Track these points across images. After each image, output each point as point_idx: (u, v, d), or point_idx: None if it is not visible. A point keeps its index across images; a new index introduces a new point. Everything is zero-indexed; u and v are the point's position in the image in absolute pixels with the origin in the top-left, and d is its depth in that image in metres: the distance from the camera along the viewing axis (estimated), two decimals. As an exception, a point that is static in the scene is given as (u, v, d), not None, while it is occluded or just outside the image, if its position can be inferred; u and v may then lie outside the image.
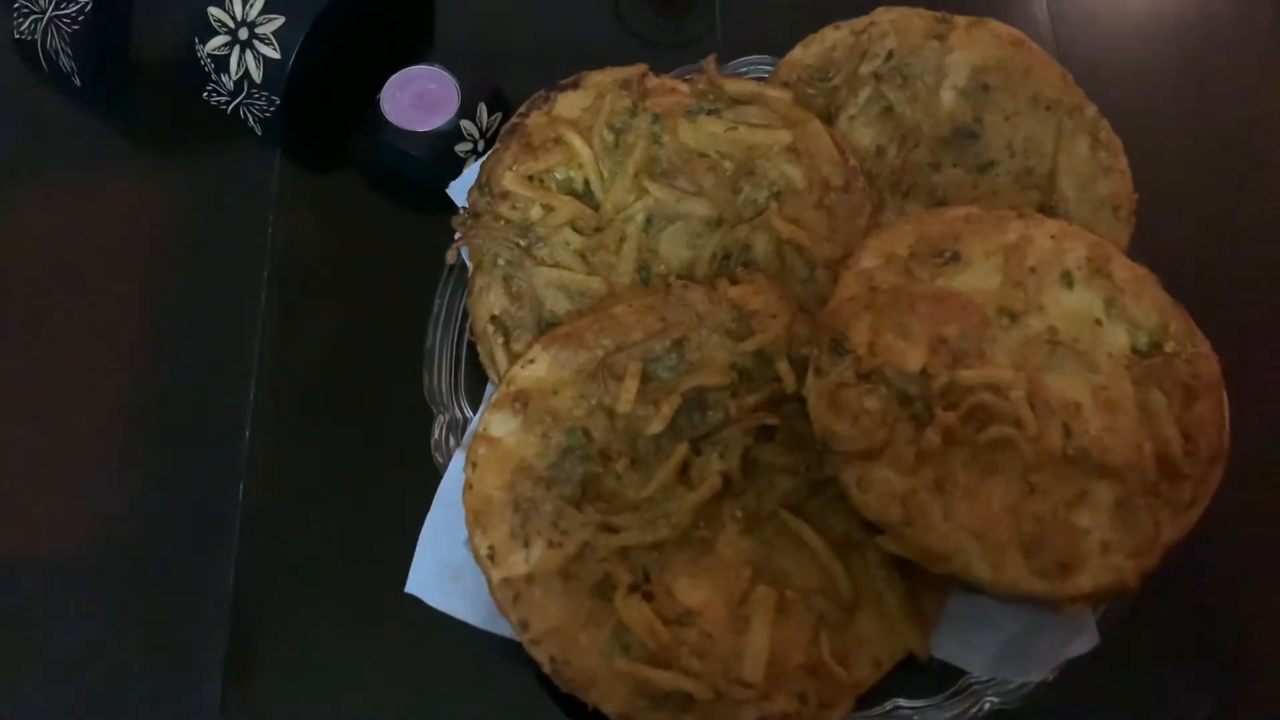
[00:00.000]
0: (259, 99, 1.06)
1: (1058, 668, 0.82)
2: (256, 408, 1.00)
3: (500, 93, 1.09)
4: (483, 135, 1.08)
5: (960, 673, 0.84)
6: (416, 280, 1.00)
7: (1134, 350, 0.86)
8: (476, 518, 0.85)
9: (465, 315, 0.97)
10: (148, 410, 1.00)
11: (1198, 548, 0.80)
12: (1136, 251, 0.91)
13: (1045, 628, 0.83)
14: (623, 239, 0.97)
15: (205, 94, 1.09)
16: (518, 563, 0.84)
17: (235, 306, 1.04)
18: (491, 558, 0.84)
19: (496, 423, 0.88)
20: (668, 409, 0.88)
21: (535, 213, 0.97)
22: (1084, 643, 0.83)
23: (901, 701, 0.83)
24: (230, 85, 1.07)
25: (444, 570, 0.88)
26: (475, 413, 0.94)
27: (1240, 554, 0.97)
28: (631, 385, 0.88)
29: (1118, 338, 0.87)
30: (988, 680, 0.84)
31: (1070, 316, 0.85)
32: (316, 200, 1.09)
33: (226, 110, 1.09)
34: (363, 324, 1.03)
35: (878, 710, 0.82)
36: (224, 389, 1.00)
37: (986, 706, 0.82)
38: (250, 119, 1.09)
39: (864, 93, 1.01)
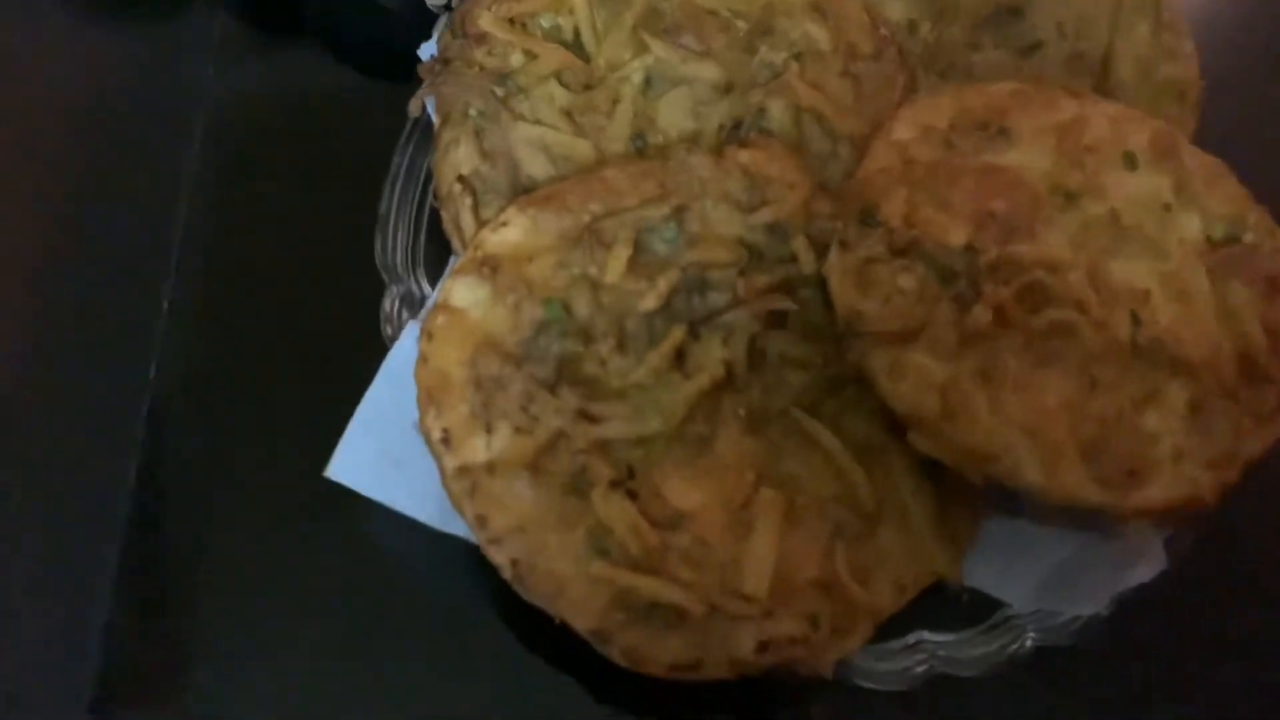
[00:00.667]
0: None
1: (1115, 599, 0.72)
2: (179, 275, 0.86)
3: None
4: (459, -11, 0.94)
5: (997, 604, 0.74)
6: (374, 139, 0.87)
7: (1208, 240, 0.77)
8: (430, 395, 0.72)
9: (429, 177, 0.85)
10: (57, 272, 0.88)
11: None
12: (1203, 145, 0.82)
13: (1099, 553, 0.75)
14: (616, 100, 0.84)
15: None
16: (477, 449, 0.71)
17: (165, 164, 0.91)
18: (446, 442, 0.71)
19: (460, 290, 0.75)
20: (664, 284, 0.76)
21: (516, 60, 0.84)
22: (1148, 569, 0.73)
23: (927, 634, 0.73)
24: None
25: (384, 457, 0.75)
26: (435, 288, 0.81)
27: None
28: (622, 254, 0.76)
29: (1190, 224, 0.77)
30: (1030, 613, 0.74)
31: (1135, 200, 0.77)
32: (264, 54, 0.97)
33: (165, -48, 0.95)
34: (309, 187, 0.91)
35: (898, 643, 0.72)
36: (144, 253, 0.87)
37: (1029, 643, 0.72)
38: (191, -36, 0.95)
39: (897, -40, 0.92)
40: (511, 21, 0.85)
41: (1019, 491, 0.69)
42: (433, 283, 0.83)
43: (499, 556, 0.69)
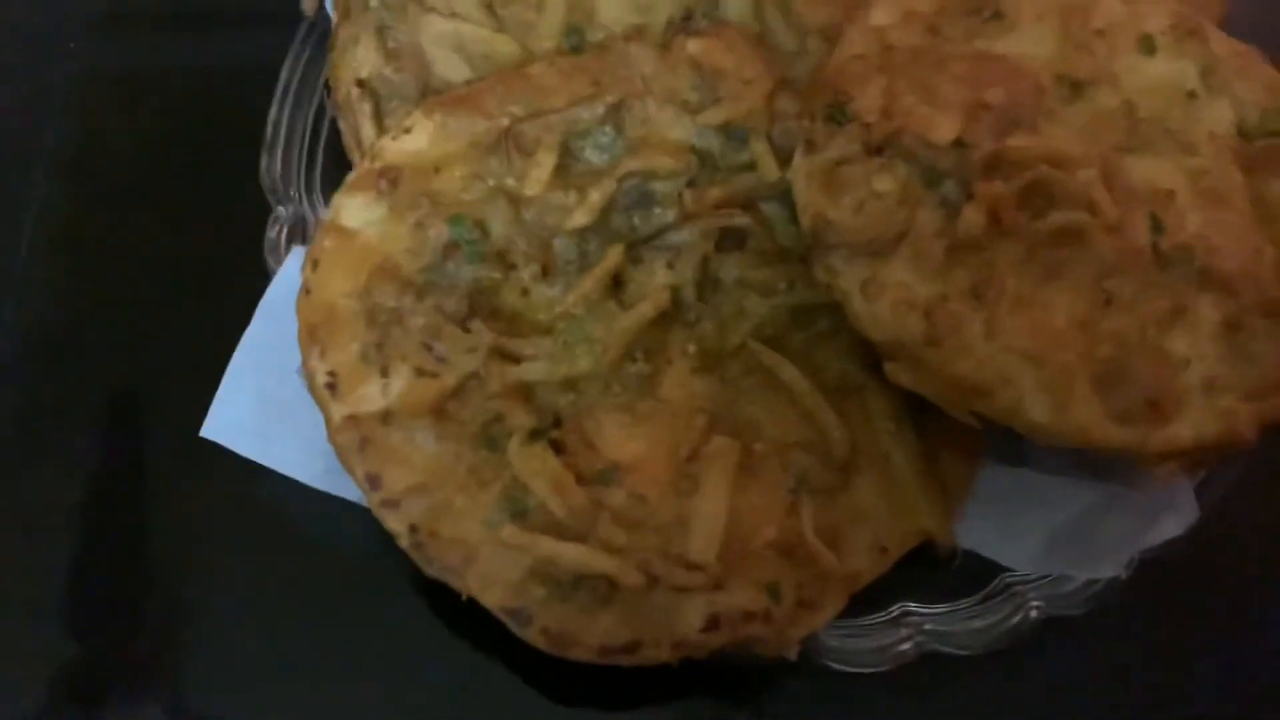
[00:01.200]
0: None
1: (1135, 560, 0.62)
2: (43, 195, 0.76)
3: None
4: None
5: (997, 568, 0.65)
6: (267, 42, 0.76)
7: (1241, 132, 0.67)
8: (313, 333, 0.62)
9: (328, 86, 0.74)
10: None
11: None
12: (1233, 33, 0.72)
13: (1118, 506, 0.65)
14: None
15: None
16: (370, 396, 0.61)
17: (29, 72, 0.80)
18: (332, 388, 0.61)
19: (353, 208, 0.65)
20: (597, 197, 0.66)
21: None
22: (1176, 521, 0.62)
23: (913, 606, 0.64)
24: None
25: (264, 408, 0.65)
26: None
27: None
28: (545, 160, 0.66)
29: (1220, 114, 0.67)
30: (1035, 579, 0.65)
31: (1154, 88, 0.67)
32: None
33: None
34: (192, 93, 0.80)
35: (881, 616, 0.64)
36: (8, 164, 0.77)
37: (1033, 614, 0.62)
38: None
39: None
40: None
41: (1020, 432, 0.58)
42: (328, 204, 0.70)
43: (395, 522, 0.59)
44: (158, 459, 0.69)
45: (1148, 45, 0.68)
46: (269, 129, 0.72)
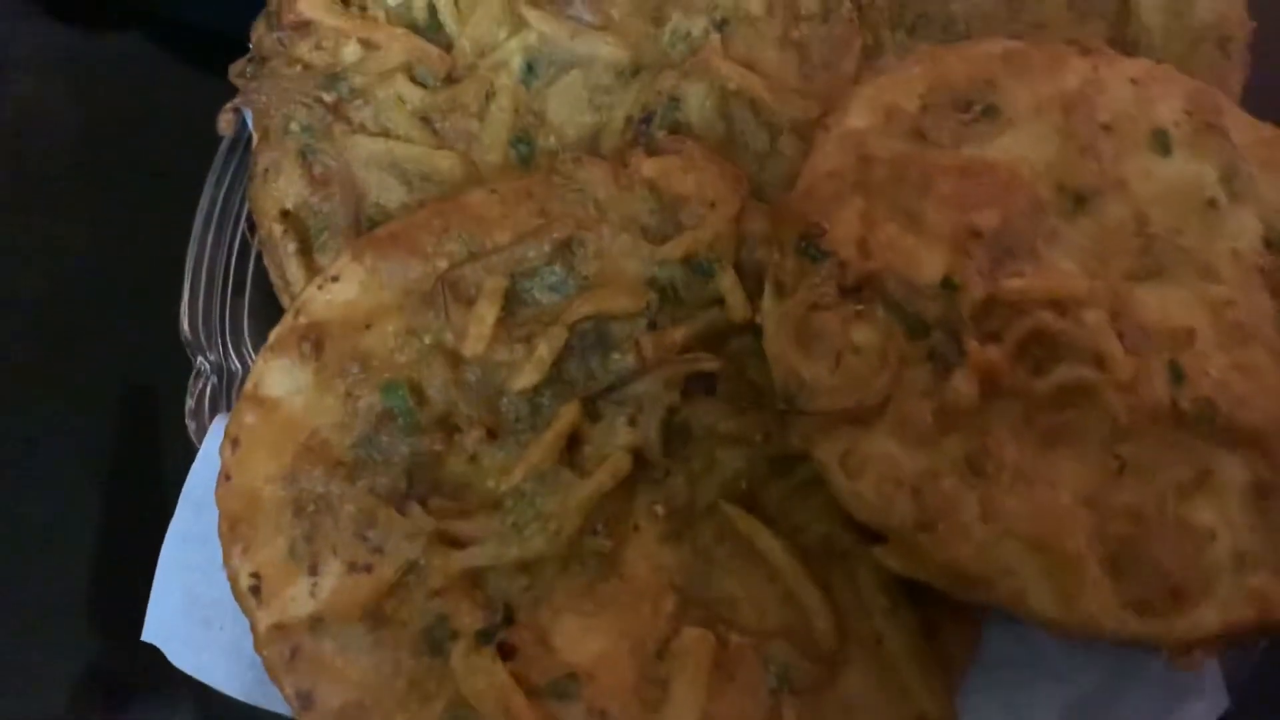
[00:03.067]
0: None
1: None
2: None
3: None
4: (299, -43, 0.76)
5: None
6: (192, 164, 0.71)
7: (1269, 245, 0.62)
8: (235, 527, 0.58)
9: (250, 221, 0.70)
10: None
11: None
12: (1254, 104, 0.69)
13: (1138, 680, 0.60)
14: (490, 95, 0.72)
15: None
16: (298, 599, 0.57)
17: None
18: (256, 590, 0.57)
19: (275, 375, 0.61)
20: (546, 350, 0.61)
21: (350, 53, 0.71)
22: (1205, 709, 0.57)
23: None
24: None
25: (191, 610, 0.61)
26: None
27: None
28: (488, 313, 0.62)
29: (1244, 226, 0.62)
30: None
31: (1168, 197, 0.62)
32: (65, 54, 0.81)
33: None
34: (112, 231, 0.76)
35: None
36: None
37: None
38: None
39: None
40: (345, 2, 0.69)
41: (1025, 623, 0.53)
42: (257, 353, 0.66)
43: (330, 747, 0.53)
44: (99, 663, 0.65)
45: (1161, 142, 0.64)
46: (188, 273, 0.67)
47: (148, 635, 0.60)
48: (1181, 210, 0.62)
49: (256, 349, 0.67)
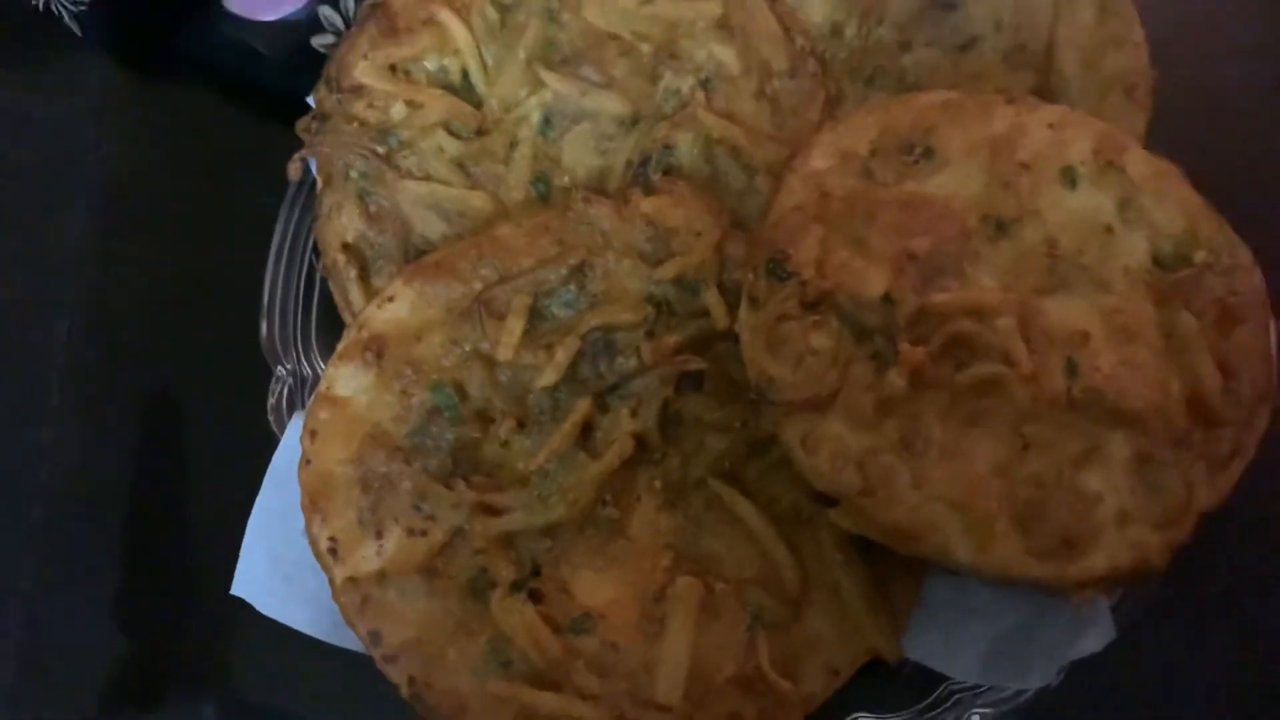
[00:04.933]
0: (70, -13, 0.86)
1: (1064, 669, 0.69)
2: (64, 365, 0.83)
3: (372, -26, 0.89)
4: (349, 26, 0.87)
5: (940, 678, 0.71)
6: (263, 208, 0.81)
7: (1156, 263, 0.71)
8: (315, 501, 0.68)
9: (317, 247, 0.80)
10: None
11: (1241, 513, 0.66)
12: (1156, 143, 0.77)
13: (1047, 620, 0.70)
14: (514, 144, 0.79)
15: (11, -13, 0.89)
16: (367, 557, 0.67)
17: (45, 237, 0.86)
18: (334, 552, 0.67)
19: (343, 378, 0.70)
20: (563, 355, 0.71)
21: (398, 112, 0.78)
22: (1096, 638, 0.68)
23: (864, 716, 0.71)
24: (36, -27, 0.87)
25: (276, 568, 0.71)
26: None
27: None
28: (515, 325, 0.71)
29: (1135, 248, 0.70)
30: (975, 687, 0.70)
31: (1074, 223, 0.71)
32: (145, 113, 0.91)
33: (38, 5, 0.89)
34: (197, 262, 0.86)
35: None
36: (28, 335, 0.84)
37: (975, 719, 0.63)
38: (64, 14, 0.89)
39: (815, -43, 0.84)
40: (392, 69, 0.79)
41: (950, 570, 0.64)
42: (326, 361, 0.77)
43: (396, 674, 0.65)
44: (183, 615, 0.76)
45: (1069, 178, 0.71)
46: (265, 294, 0.78)
47: (236, 590, 0.71)
48: (1084, 235, 0.69)
49: (323, 357, 0.77)
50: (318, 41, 0.88)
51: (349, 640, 0.67)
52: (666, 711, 0.63)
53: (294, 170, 0.79)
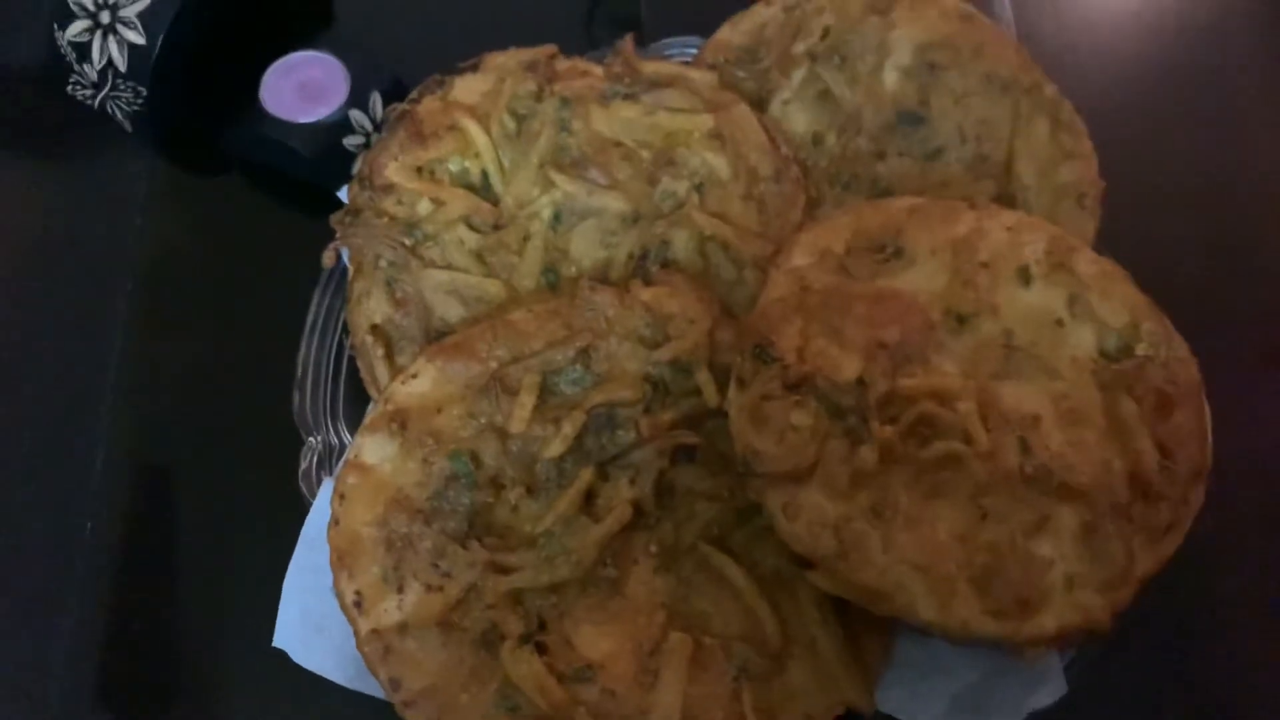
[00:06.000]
0: (125, 90, 0.95)
1: None
2: (111, 432, 0.89)
3: (399, 82, 0.99)
4: (377, 128, 0.97)
5: None
6: (297, 290, 0.89)
7: (1101, 354, 0.78)
8: (342, 559, 0.74)
9: (347, 326, 0.86)
10: None
11: (1178, 579, 0.72)
12: (1104, 246, 0.84)
13: (1006, 675, 0.75)
14: (526, 237, 0.87)
15: (70, 87, 0.98)
16: (389, 610, 0.73)
17: (92, 318, 0.93)
18: (359, 605, 0.73)
19: (371, 447, 0.77)
20: (569, 428, 0.77)
21: (424, 208, 0.86)
22: (1049, 692, 0.74)
23: None
24: (94, 76, 0.96)
25: (307, 620, 0.76)
26: (352, 439, 0.82)
27: (1226, 585, 0.85)
28: (527, 400, 0.77)
29: (1082, 339, 0.78)
30: None
31: (1028, 317, 0.78)
32: (190, 203, 1.00)
33: (94, 104, 0.98)
34: (235, 339, 0.93)
35: None
36: (75, 410, 0.90)
37: None
38: (118, 114, 0.97)
39: (798, 74, 0.92)
40: (419, 170, 0.87)
41: (914, 628, 0.70)
42: (353, 432, 0.84)
43: (414, 718, 0.71)
44: (224, 668, 0.81)
45: (1024, 276, 0.78)
46: (299, 367, 0.84)
47: (277, 642, 0.76)
48: (1037, 327, 0.75)
49: (350, 428, 0.84)
50: (349, 142, 0.96)
51: (372, 687, 0.73)
52: (660, 756, 0.69)
53: (328, 258, 0.86)
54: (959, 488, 0.71)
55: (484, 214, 0.86)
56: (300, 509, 0.80)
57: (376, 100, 0.97)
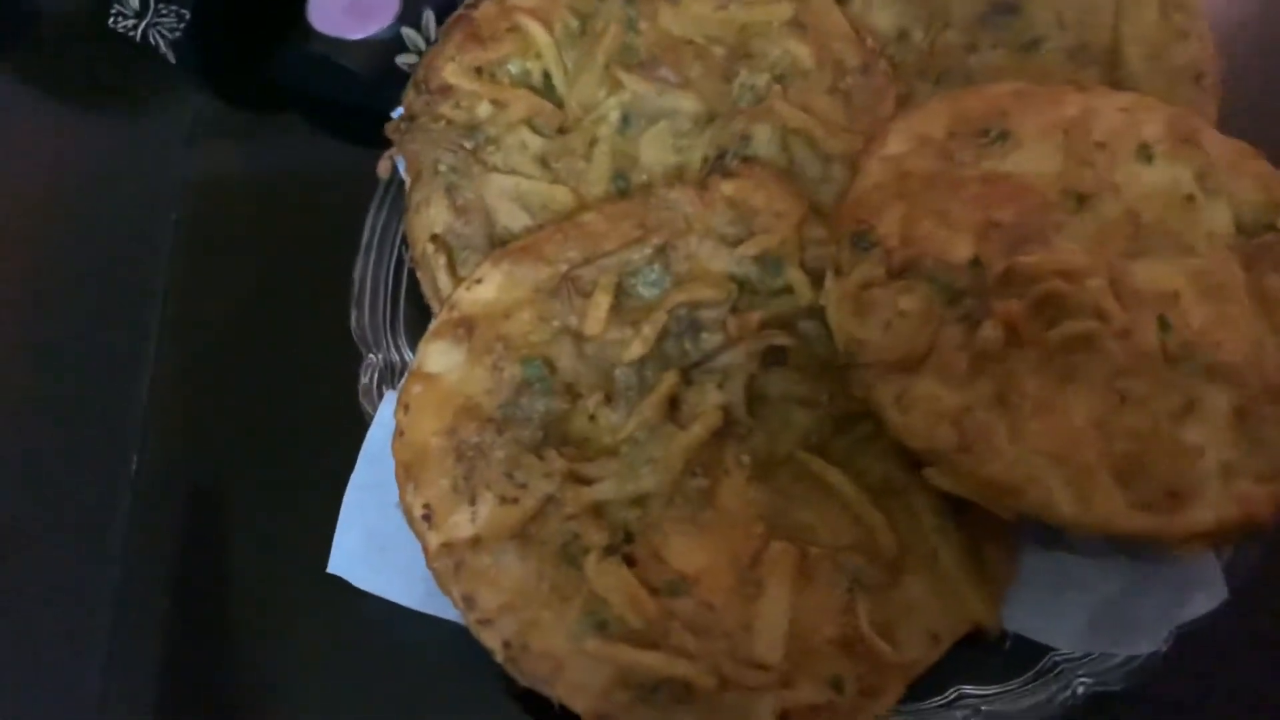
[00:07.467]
0: (167, 15, 0.91)
1: (1172, 635, 0.67)
2: (158, 354, 0.85)
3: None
4: (431, 45, 0.91)
5: (1043, 649, 0.69)
6: (350, 210, 0.84)
7: (1239, 229, 0.71)
8: (408, 470, 0.68)
9: (405, 241, 0.81)
10: (39, 356, 0.86)
11: None
12: (1225, 131, 0.76)
13: (1152, 584, 0.68)
14: (593, 142, 0.81)
15: (111, 19, 0.94)
16: (461, 524, 0.67)
17: (140, 244, 0.89)
18: (428, 519, 0.67)
19: (435, 355, 0.71)
20: (650, 330, 0.72)
21: (484, 110, 0.81)
22: (1206, 599, 0.66)
23: (967, 689, 0.68)
24: (135, 3, 0.91)
25: (370, 541, 0.71)
26: (415, 354, 0.76)
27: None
28: (602, 301, 0.72)
29: (1217, 215, 0.71)
30: (1080, 656, 0.68)
31: (1153, 195, 0.71)
32: (236, 130, 0.95)
33: (135, 35, 0.94)
34: (284, 260, 0.88)
35: (937, 700, 0.67)
36: (122, 333, 0.86)
37: (1080, 690, 0.67)
38: (161, 43, 0.93)
39: (879, -32, 0.86)
40: (478, 71, 0.82)
41: (1052, 524, 0.62)
42: (413, 348, 0.78)
43: (490, 639, 0.64)
44: (287, 594, 0.76)
45: (1145, 154, 0.72)
46: (355, 284, 0.79)
47: (333, 568, 0.71)
48: (1165, 204, 0.70)
49: (410, 344, 0.78)
50: (402, 60, 0.91)
51: (443, 608, 0.67)
52: (767, 670, 0.62)
53: (384, 168, 0.81)
54: (1093, 371, 0.64)
55: (547, 116, 0.81)
56: (354, 429, 0.74)
57: (430, 18, 0.92)
